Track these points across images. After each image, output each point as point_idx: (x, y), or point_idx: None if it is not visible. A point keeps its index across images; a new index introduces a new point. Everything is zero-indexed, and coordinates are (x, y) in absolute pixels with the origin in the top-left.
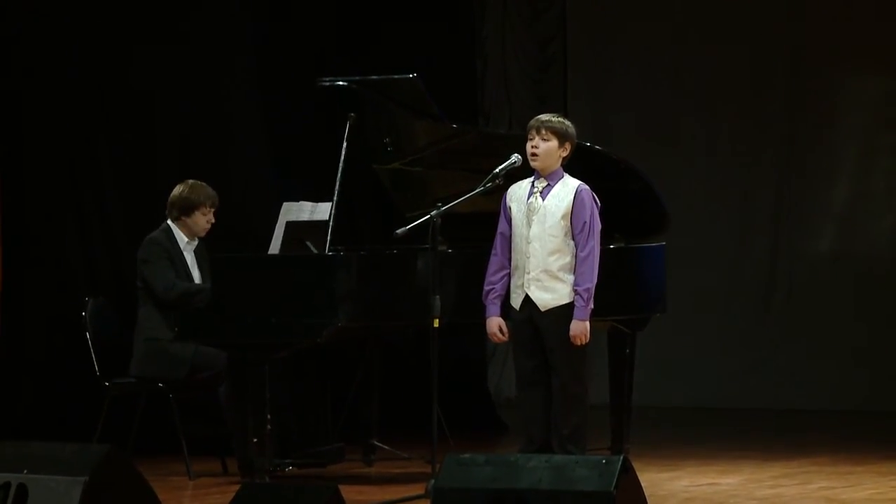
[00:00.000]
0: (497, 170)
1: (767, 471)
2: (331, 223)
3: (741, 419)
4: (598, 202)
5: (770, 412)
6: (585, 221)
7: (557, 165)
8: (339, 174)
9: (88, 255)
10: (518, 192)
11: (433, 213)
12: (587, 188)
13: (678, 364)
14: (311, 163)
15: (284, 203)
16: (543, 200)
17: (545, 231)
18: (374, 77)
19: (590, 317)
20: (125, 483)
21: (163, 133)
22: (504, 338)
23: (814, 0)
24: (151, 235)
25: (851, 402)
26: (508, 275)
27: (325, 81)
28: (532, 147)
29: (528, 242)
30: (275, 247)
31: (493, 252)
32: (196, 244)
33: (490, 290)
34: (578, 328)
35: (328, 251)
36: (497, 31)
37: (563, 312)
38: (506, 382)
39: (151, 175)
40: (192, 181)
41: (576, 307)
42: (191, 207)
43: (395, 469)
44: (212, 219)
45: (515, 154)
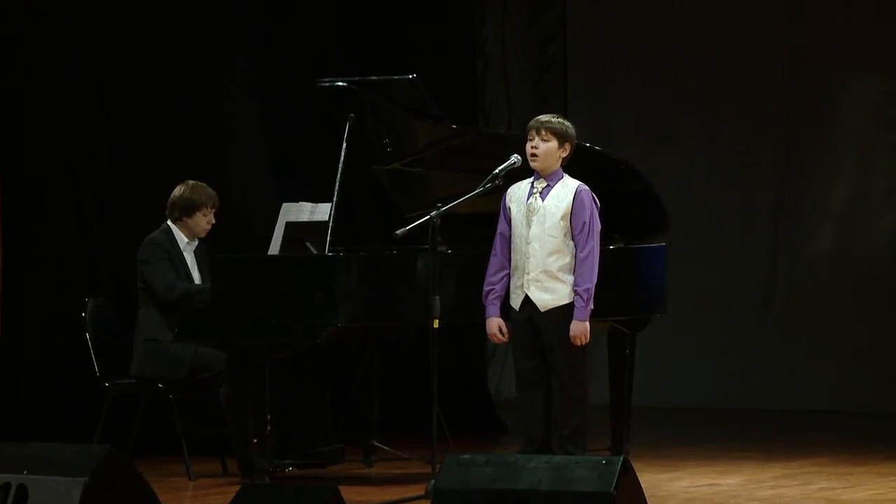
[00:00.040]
0: (497, 170)
1: (768, 471)
2: (330, 224)
3: (741, 419)
4: (598, 203)
5: (770, 413)
6: (585, 222)
7: (557, 166)
8: (339, 174)
9: (88, 255)
10: (518, 193)
11: (433, 214)
12: (587, 189)
13: (678, 364)
14: (311, 163)
15: (284, 204)
16: (543, 201)
17: (545, 231)
18: (374, 77)
19: (590, 317)
20: (125, 484)
21: (163, 133)
22: (504, 338)
23: (814, 0)
24: (151, 236)
25: (852, 403)
26: (508, 275)
27: (325, 82)
28: (532, 147)
29: (528, 243)
30: (274, 247)
31: (493, 252)
32: (196, 245)
33: (490, 291)
34: (578, 328)
35: (328, 252)
36: (497, 31)
37: (563, 313)
38: (506, 383)
39: (151, 175)
40: (193, 182)
41: (576, 307)
42: (192, 208)
43: (395, 469)
44: (212, 219)
45: (515, 154)
